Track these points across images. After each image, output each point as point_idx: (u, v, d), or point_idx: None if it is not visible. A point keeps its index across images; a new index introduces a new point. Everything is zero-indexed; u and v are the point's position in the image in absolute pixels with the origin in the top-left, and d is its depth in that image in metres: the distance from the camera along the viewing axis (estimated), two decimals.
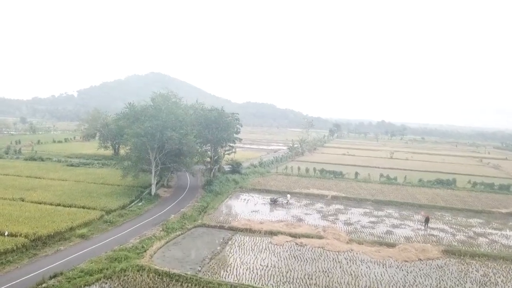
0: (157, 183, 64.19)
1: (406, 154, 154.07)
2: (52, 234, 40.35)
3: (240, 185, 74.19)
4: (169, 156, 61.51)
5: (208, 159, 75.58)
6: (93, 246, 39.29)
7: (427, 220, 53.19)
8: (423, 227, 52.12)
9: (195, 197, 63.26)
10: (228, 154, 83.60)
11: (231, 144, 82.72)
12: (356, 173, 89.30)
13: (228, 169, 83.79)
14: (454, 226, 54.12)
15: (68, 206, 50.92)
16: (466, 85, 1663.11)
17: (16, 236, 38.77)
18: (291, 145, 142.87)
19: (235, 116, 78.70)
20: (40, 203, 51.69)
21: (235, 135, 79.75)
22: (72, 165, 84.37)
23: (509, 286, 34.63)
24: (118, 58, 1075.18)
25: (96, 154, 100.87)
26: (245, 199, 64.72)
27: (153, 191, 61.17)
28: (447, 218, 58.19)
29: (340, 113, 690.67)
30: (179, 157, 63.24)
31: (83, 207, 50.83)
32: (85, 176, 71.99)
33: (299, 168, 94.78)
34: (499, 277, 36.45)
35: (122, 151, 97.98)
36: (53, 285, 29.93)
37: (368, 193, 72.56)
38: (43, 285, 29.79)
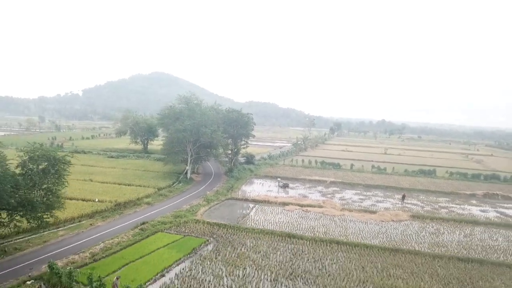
0: (187, 171, 79.75)
1: (399, 151, 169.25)
2: (127, 201, 56.08)
3: (254, 173, 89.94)
4: (201, 148, 77.20)
5: (229, 151, 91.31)
6: (158, 209, 54.97)
7: (403, 197, 68.84)
8: (400, 202, 67.59)
9: (221, 181, 78.98)
10: (244, 148, 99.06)
11: (245, 139, 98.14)
12: (352, 165, 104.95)
13: (243, 160, 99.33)
14: (425, 202, 69.65)
15: (127, 185, 66.67)
16: (470, 84, 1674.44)
17: (103, 202, 54.40)
18: (295, 141, 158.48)
19: (250, 116, 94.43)
20: (105, 183, 67.34)
21: (251, 132, 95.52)
22: (112, 157, 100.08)
23: (451, 235, 50.04)
24: (122, 57, 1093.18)
25: (127, 148, 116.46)
26: (260, 183, 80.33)
27: (189, 175, 76.89)
28: (421, 197, 73.68)
29: (341, 112, 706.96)
30: (209, 148, 79.01)
31: (139, 186, 66.58)
32: (129, 165, 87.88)
33: (303, 161, 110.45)
34: (447, 230, 51.92)
35: (150, 146, 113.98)
36: (145, 227, 45.48)
37: (360, 179, 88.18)
38: (139, 227, 45.37)
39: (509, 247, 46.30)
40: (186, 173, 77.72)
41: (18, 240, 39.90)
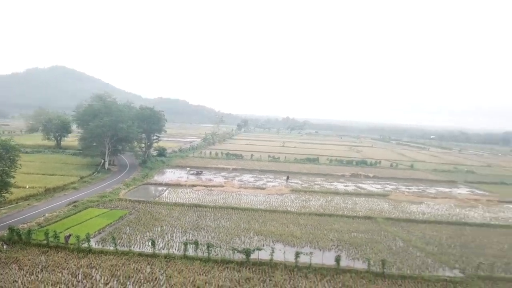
0: (104, 162, 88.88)
1: (296, 144, 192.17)
2: (56, 187, 64.93)
3: (166, 164, 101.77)
4: (118, 142, 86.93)
5: (143, 145, 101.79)
6: (85, 193, 64.78)
7: (287, 178, 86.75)
8: (285, 182, 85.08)
9: (136, 170, 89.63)
10: (156, 142, 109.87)
11: (157, 134, 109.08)
12: (252, 155, 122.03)
13: (156, 153, 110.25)
14: (304, 181, 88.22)
15: (51, 175, 74.57)
16: (373, 84, 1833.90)
17: (34, 188, 62.66)
18: (204, 137, 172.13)
19: (162, 113, 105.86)
20: (29, 174, 74.25)
21: (163, 127, 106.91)
22: (27, 152, 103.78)
23: (316, 201, 67.83)
24: (11, 48, 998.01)
25: (39, 144, 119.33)
26: (172, 172, 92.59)
27: (106, 166, 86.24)
28: (303, 178, 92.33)
29: (250, 110, 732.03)
30: (125, 142, 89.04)
31: (62, 175, 74.87)
32: (47, 159, 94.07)
33: (210, 153, 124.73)
34: (314, 199, 69.77)
35: (63, 142, 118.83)
36: (76, 205, 55.64)
37: (257, 166, 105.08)
38: (72, 205, 55.44)
39: (352, 206, 65.40)
40: (104, 164, 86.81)
41: None
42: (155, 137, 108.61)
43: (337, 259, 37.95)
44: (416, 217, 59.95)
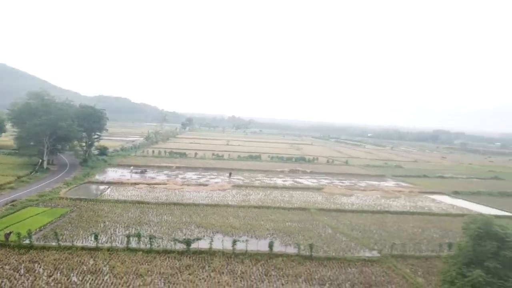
0: (43, 162, 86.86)
1: (240, 142, 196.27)
2: None
3: (108, 162, 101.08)
4: (57, 141, 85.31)
5: (84, 144, 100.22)
6: (23, 192, 63.74)
7: (230, 174, 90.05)
8: (227, 178, 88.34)
9: (77, 170, 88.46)
10: (97, 141, 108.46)
11: (98, 133, 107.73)
12: (196, 153, 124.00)
13: (97, 152, 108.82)
14: (246, 177, 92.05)
15: None
16: (313, 83, 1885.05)
17: None
18: (147, 136, 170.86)
19: (104, 112, 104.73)
20: None
21: (104, 126, 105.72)
22: None
23: (256, 195, 71.68)
24: None
25: None
26: (114, 170, 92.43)
27: (45, 165, 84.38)
28: (245, 174, 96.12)
29: (196, 108, 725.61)
30: (65, 141, 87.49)
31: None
32: None
33: (153, 152, 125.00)
34: (254, 193, 73.62)
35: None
36: (14, 204, 55.04)
37: (201, 164, 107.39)
38: (10, 204, 54.79)
39: (288, 199, 70.06)
40: (42, 164, 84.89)
41: None
42: (96, 136, 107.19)
43: (270, 245, 41.86)
44: (345, 208, 65.77)
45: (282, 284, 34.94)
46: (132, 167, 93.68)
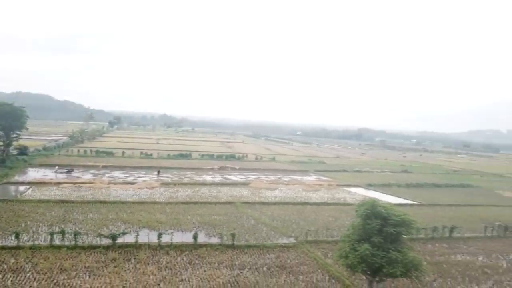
0: None
1: (171, 141, 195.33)
2: None
3: (29, 162, 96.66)
4: None
5: (1, 143, 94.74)
6: None
7: (158, 173, 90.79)
8: (156, 176, 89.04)
9: None
10: (16, 140, 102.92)
11: (17, 132, 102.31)
12: (123, 152, 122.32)
13: (16, 152, 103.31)
14: (175, 175, 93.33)
15: None
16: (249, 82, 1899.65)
17: None
18: (71, 134, 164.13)
19: (24, 109, 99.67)
20: None
21: (24, 125, 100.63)
22: None
23: (184, 192, 73.51)
24: None
25: None
26: (36, 171, 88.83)
27: None
28: (174, 172, 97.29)
29: (125, 106, 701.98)
30: None
31: None
32: None
33: (78, 151, 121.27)
34: (182, 190, 75.39)
35: None
36: None
37: (129, 163, 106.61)
38: None
39: (216, 194, 72.93)
40: None
41: None
42: (14, 135, 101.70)
43: (195, 236, 44.40)
44: (269, 201, 70.13)
45: (205, 271, 37.63)
46: (57, 167, 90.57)
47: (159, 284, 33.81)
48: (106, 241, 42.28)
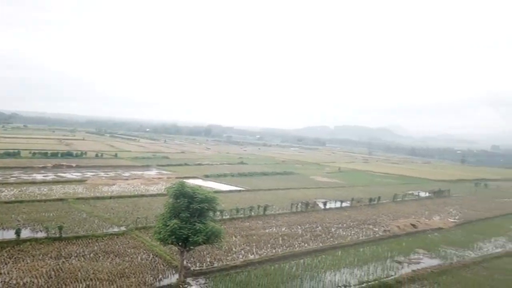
0: None
1: None
2: None
3: None
4: None
5: None
6: None
7: None
8: None
9: None
10: None
11: None
12: None
13: None
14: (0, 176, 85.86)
15: None
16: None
17: None
18: None
19: None
20: None
21: None
22: None
23: (10, 192, 69.17)
24: None
25: None
26: None
27: None
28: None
29: None
30: None
31: None
32: None
33: None
34: (7, 190, 70.64)
35: None
36: None
37: None
38: None
39: (47, 192, 70.74)
40: None
41: None
42: None
43: (17, 232, 44.13)
44: (105, 195, 71.30)
45: (27, 263, 38.45)
46: None
47: None
48: None
